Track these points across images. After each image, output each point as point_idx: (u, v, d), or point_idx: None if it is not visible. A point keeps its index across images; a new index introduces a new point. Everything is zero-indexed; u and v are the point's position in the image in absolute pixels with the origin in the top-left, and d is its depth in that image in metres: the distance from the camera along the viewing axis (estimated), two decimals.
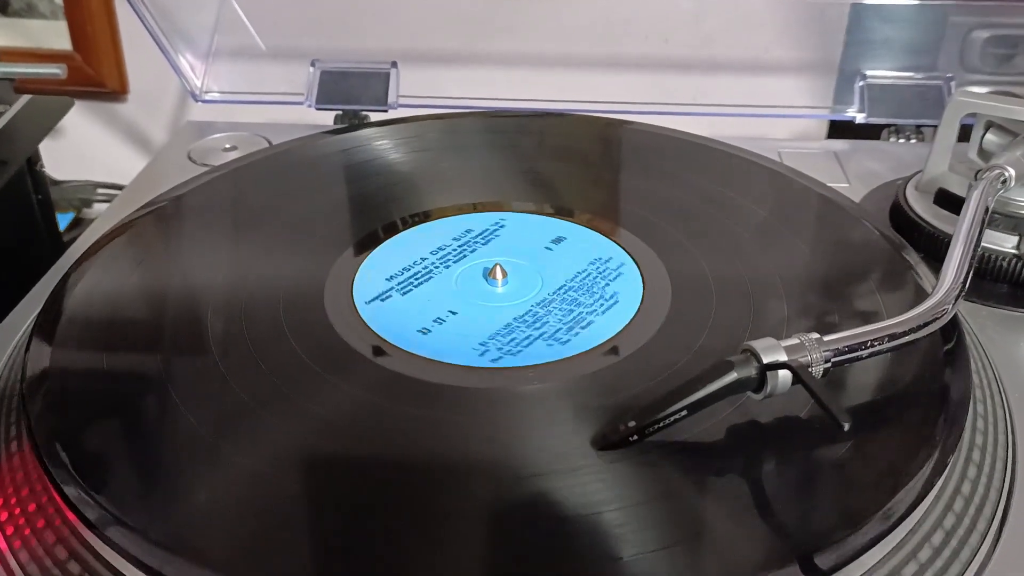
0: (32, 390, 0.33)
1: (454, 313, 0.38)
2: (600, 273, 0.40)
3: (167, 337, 0.37)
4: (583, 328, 0.36)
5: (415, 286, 0.40)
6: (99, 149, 0.80)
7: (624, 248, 0.42)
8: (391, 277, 0.40)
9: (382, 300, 0.39)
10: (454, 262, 0.41)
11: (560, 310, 0.38)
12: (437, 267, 0.41)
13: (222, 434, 0.31)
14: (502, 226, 0.44)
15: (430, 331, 0.37)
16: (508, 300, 0.39)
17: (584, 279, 0.39)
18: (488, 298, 0.39)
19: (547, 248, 0.42)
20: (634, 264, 0.40)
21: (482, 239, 0.43)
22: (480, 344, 0.36)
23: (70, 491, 0.29)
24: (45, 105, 0.56)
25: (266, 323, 0.37)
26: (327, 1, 0.64)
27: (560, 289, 0.39)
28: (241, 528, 0.28)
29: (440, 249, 0.42)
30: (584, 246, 0.42)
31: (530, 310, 0.38)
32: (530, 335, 0.36)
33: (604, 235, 0.43)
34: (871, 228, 0.42)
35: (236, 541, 0.28)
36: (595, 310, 0.37)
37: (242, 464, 0.30)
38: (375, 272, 0.40)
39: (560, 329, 0.36)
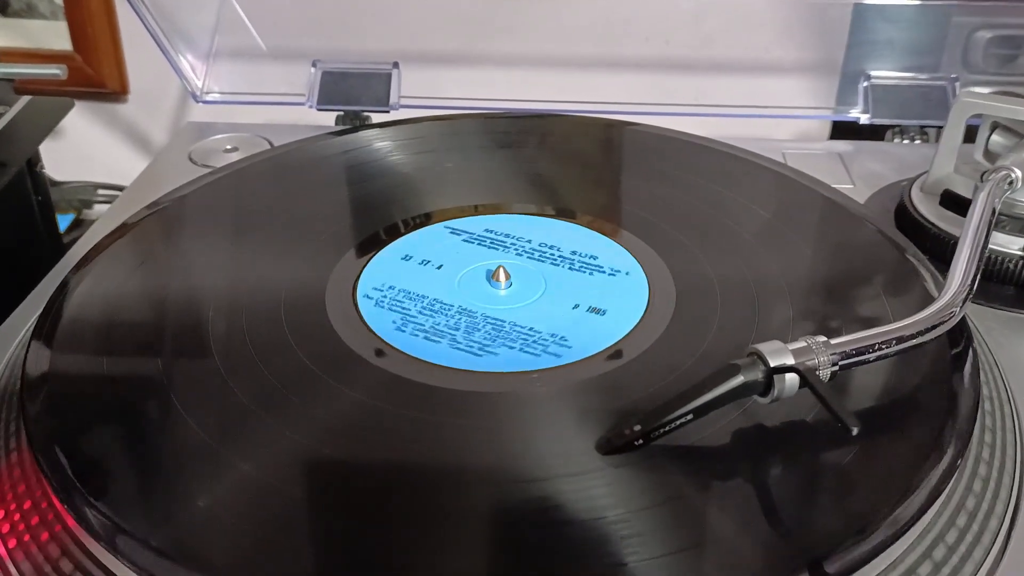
0: (32, 394, 0.33)
1: (439, 267, 0.41)
2: (536, 346, 0.36)
3: (168, 341, 0.36)
4: (428, 338, 0.36)
5: (471, 243, 0.42)
6: (99, 150, 0.79)
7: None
8: (489, 229, 0.43)
9: (452, 232, 0.43)
10: (525, 258, 0.41)
11: (467, 328, 0.37)
12: (508, 251, 0.42)
13: (223, 439, 0.31)
14: (613, 274, 0.40)
15: (410, 259, 0.41)
16: (477, 297, 0.39)
17: (525, 335, 0.36)
18: (474, 288, 0.39)
19: (575, 306, 0.38)
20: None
21: (573, 266, 0.41)
22: (402, 290, 0.39)
23: (70, 498, 0.28)
24: (45, 106, 0.56)
25: (268, 326, 0.36)
26: (328, 1, 0.64)
27: (503, 321, 0.37)
28: (243, 534, 0.28)
29: (545, 247, 0.42)
30: (587, 328, 0.37)
31: (464, 309, 0.38)
32: (423, 313, 0.38)
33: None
34: (876, 230, 0.42)
35: (238, 547, 0.27)
36: (460, 348, 0.35)
37: (243, 469, 0.30)
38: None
39: (433, 331, 0.36)
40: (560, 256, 0.41)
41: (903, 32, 0.62)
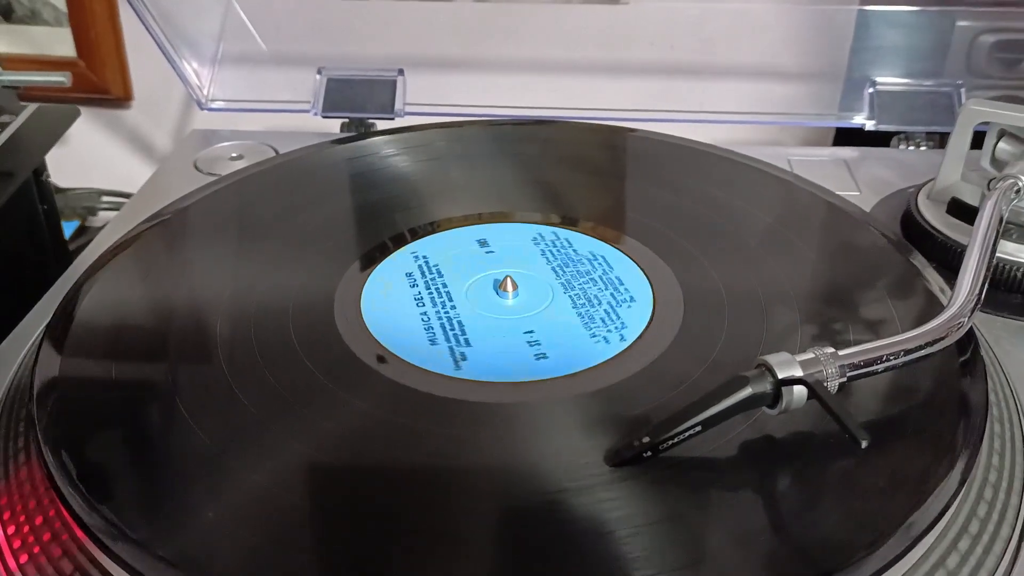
0: (41, 402, 0.33)
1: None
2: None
3: (176, 349, 0.36)
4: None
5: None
6: (104, 156, 0.79)
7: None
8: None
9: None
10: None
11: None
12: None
13: (231, 448, 0.31)
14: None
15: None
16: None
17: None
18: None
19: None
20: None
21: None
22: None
23: (76, 504, 0.28)
24: (51, 115, 0.56)
25: (275, 335, 0.36)
26: (333, 8, 0.64)
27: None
28: (250, 544, 0.28)
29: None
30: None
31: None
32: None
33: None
34: (882, 238, 0.42)
35: (245, 557, 0.27)
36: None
37: (251, 478, 0.30)
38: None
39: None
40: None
41: (907, 38, 0.61)
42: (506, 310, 0.38)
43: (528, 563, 0.27)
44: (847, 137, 0.65)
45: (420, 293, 0.39)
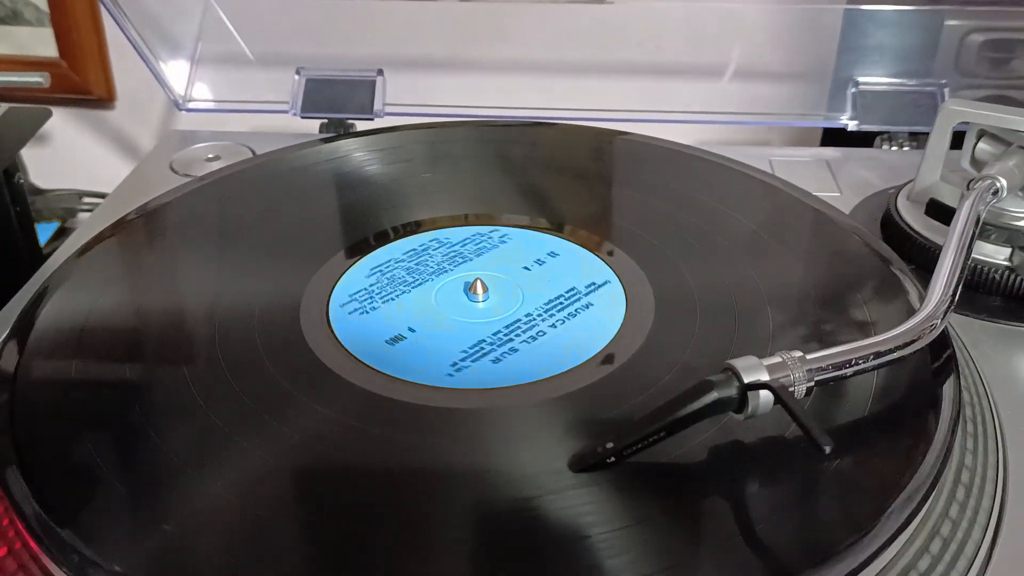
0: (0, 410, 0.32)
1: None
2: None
3: (139, 355, 0.36)
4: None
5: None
6: (86, 157, 0.79)
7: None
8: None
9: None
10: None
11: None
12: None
13: (194, 459, 0.30)
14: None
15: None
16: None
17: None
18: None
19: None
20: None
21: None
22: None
23: (32, 518, 0.28)
24: (22, 116, 0.55)
25: (242, 340, 0.36)
26: (313, 8, 0.64)
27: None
28: (213, 560, 0.27)
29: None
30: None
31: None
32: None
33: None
34: (860, 240, 0.41)
35: (207, 572, 0.27)
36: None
37: (214, 491, 0.29)
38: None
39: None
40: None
41: (895, 37, 0.61)
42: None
43: (494, 570, 0.27)
44: (834, 137, 0.65)
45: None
